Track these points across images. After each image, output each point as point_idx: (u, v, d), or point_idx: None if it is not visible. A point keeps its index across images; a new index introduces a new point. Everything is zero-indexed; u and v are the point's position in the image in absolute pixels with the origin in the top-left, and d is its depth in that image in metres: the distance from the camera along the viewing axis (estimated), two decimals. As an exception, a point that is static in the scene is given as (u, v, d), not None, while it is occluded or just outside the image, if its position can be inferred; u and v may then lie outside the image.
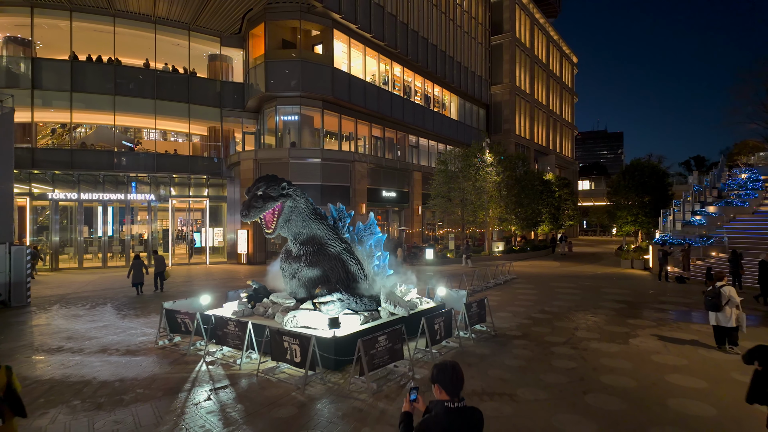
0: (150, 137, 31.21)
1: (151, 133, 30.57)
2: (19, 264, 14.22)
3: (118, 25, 27.02)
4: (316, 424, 5.48)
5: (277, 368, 7.34)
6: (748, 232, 23.13)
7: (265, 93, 26.54)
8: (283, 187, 8.51)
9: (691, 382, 6.94)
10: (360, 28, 28.61)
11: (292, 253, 9.14)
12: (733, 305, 8.73)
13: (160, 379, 7.02)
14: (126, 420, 5.61)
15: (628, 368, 7.54)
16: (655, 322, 10.98)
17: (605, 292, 15.90)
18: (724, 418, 5.69)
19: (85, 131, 29.42)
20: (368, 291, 9.16)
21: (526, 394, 6.38)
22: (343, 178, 27.20)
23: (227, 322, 8.00)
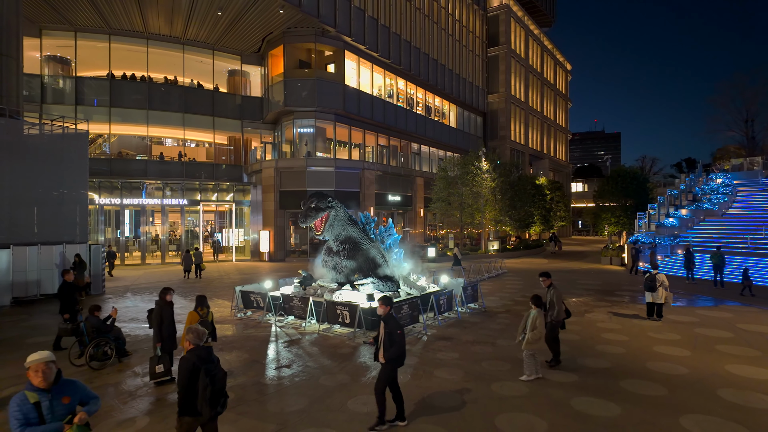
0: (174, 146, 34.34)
1: (180, 142, 33.55)
2: (96, 259, 17.33)
3: (151, 45, 30.14)
4: (365, 358, 8.58)
5: (331, 329, 10.48)
6: (715, 233, 26.05)
7: (284, 108, 29.62)
8: (328, 200, 11.63)
9: (618, 336, 10.05)
10: (368, 48, 31.73)
11: (333, 249, 12.22)
12: (664, 287, 11.86)
13: (251, 337, 10.13)
14: (245, 356, 8.70)
15: (577, 330, 10.66)
16: (610, 303, 14.12)
17: (580, 282, 19.05)
18: (630, 354, 8.79)
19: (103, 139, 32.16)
20: (390, 277, 12.27)
21: (502, 343, 9.49)
22: (354, 184, 30.30)
23: (292, 298, 11.16)
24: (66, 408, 3.35)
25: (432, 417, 5.99)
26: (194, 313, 7.00)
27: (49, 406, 3.27)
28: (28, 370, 3.31)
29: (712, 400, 6.58)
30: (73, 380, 3.57)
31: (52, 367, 3.35)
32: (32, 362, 3.32)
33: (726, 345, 9.44)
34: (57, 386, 3.37)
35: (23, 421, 3.16)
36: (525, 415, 6.05)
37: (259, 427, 5.74)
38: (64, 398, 3.36)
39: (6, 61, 17.36)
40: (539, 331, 7.25)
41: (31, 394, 3.26)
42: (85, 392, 3.57)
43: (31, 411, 3.20)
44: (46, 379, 3.29)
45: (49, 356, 3.37)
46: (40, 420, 3.22)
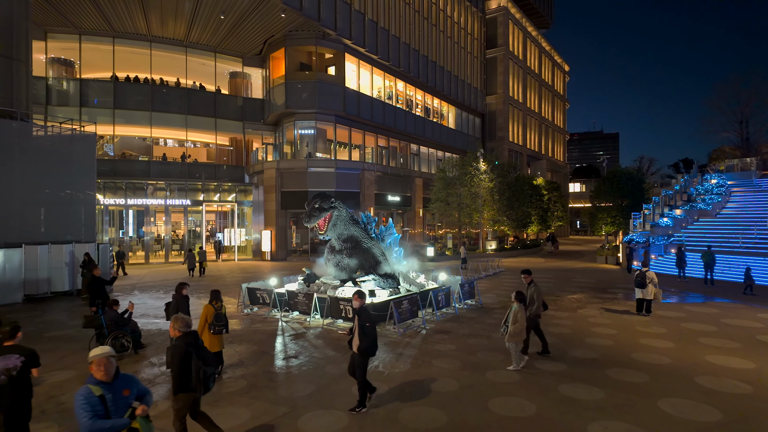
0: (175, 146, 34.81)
1: (183, 143, 34.04)
2: (104, 258, 17.84)
3: (154, 48, 30.62)
4: (368, 349, 9.08)
5: (334, 323, 10.99)
6: (708, 232, 26.57)
7: (285, 109, 30.13)
8: (331, 201, 12.14)
9: (607, 330, 10.58)
10: (368, 51, 32.25)
11: (335, 248, 12.73)
12: (654, 284, 12.40)
13: (259, 330, 10.64)
14: (254, 348, 9.20)
15: (569, 324, 11.19)
16: (603, 300, 14.66)
17: (575, 280, 19.59)
18: (617, 346, 9.32)
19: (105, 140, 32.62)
20: (391, 274, 12.79)
21: (497, 336, 10.01)
22: (354, 185, 30.81)
23: (297, 294, 11.68)
24: (126, 400, 3.55)
25: (430, 400, 6.51)
26: (209, 306, 7.51)
27: (112, 399, 3.44)
28: (90, 364, 3.49)
29: (689, 386, 7.11)
30: (130, 375, 3.75)
31: (112, 361, 3.55)
32: (95, 357, 3.50)
33: (709, 338, 9.98)
34: (117, 380, 3.55)
35: (92, 414, 3.32)
36: (516, 399, 6.58)
37: (271, 409, 6.26)
38: (124, 390, 3.55)
39: (16, 66, 17.85)
40: (520, 324, 7.75)
41: (95, 387, 3.43)
42: (139, 386, 3.77)
43: (97, 404, 3.37)
44: (107, 373, 3.47)
45: (110, 351, 3.57)
46: (106, 412, 3.39)
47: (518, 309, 7.83)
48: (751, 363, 8.23)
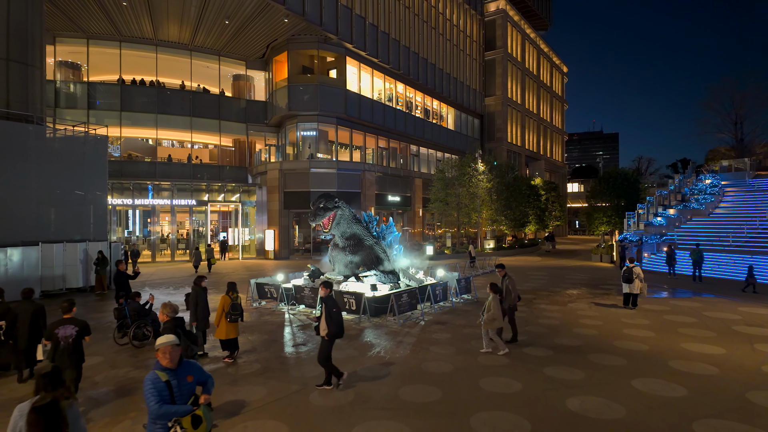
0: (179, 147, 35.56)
1: (187, 145, 34.77)
2: (116, 256, 18.57)
3: (160, 52, 31.37)
4: (370, 338, 9.82)
5: (338, 316, 11.72)
6: (700, 231, 27.26)
7: (288, 112, 30.86)
8: (335, 201, 12.88)
9: (593, 322, 11.32)
10: (369, 55, 32.97)
11: (339, 245, 13.46)
12: (640, 279, 13.13)
13: (268, 322, 11.38)
14: (264, 337, 9.94)
15: (558, 317, 11.92)
16: (593, 295, 15.39)
17: (569, 277, 20.33)
18: (601, 335, 10.04)
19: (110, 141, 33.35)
20: (391, 270, 13.53)
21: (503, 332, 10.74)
22: (355, 185, 31.53)
23: (303, 289, 12.41)
24: (190, 386, 3.76)
25: (427, 380, 7.24)
26: (226, 296, 8.24)
27: (177, 384, 3.65)
28: (157, 351, 3.72)
29: (662, 368, 7.84)
30: (192, 361, 3.97)
31: (177, 349, 3.75)
32: (161, 345, 3.71)
33: (688, 328, 10.71)
34: (181, 367, 3.77)
35: (159, 398, 3.52)
36: (504, 378, 7.31)
37: (285, 387, 6.99)
38: (188, 377, 3.76)
39: (31, 71, 18.57)
40: (493, 313, 8.54)
41: (161, 373, 3.64)
42: (201, 372, 3.94)
43: (163, 389, 3.57)
44: (172, 360, 3.68)
45: (175, 340, 3.78)
46: (171, 397, 3.59)
47: (492, 299, 8.60)
48: (723, 349, 8.97)
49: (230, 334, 8.15)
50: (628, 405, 6.27)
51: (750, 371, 7.69)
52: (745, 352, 8.83)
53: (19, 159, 16.86)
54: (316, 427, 5.65)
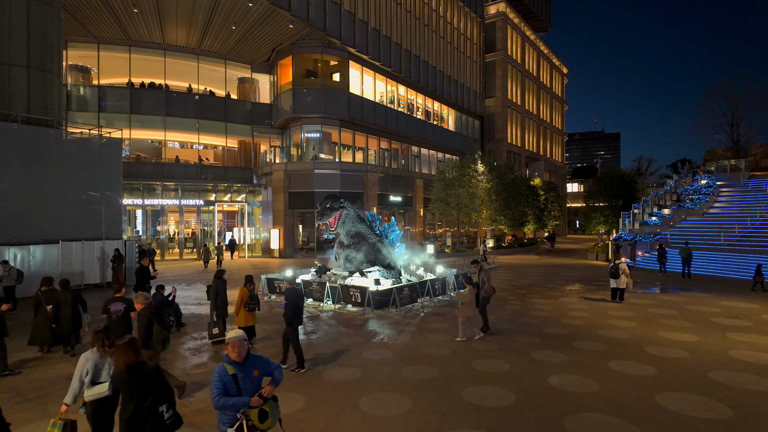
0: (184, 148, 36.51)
1: (194, 146, 35.70)
2: (131, 254, 19.47)
3: (168, 56, 32.27)
4: (374, 327, 10.70)
5: (344, 307, 12.62)
6: (693, 230, 28.01)
7: (292, 114, 31.75)
8: (341, 201, 13.76)
9: (581, 314, 12.18)
10: (371, 58, 33.84)
11: (344, 243, 14.34)
12: (626, 274, 13.98)
13: (279, 314, 12.21)
14: (277, 326, 10.81)
15: (549, 309, 12.79)
16: (584, 291, 16.25)
17: (563, 274, 21.18)
18: (586, 325, 10.90)
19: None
20: (393, 266, 14.40)
21: (496, 324, 11.59)
22: (357, 186, 32.41)
23: (311, 283, 13.30)
24: (256, 380, 3.84)
25: (426, 361, 8.11)
26: (244, 288, 9.10)
27: (243, 378, 3.74)
28: (226, 345, 3.84)
29: (638, 353, 8.69)
30: (260, 355, 4.05)
31: (244, 344, 3.87)
32: (230, 339, 3.82)
33: (668, 319, 11.56)
34: (248, 360, 3.85)
35: (222, 391, 3.64)
36: (494, 360, 8.18)
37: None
38: (254, 371, 3.84)
39: (50, 78, 19.49)
40: (466, 302, 9.59)
41: (229, 366, 3.75)
42: (269, 365, 4.00)
43: (230, 382, 3.68)
44: (240, 354, 3.78)
45: (243, 335, 3.89)
46: (238, 390, 3.70)
47: (468, 291, 9.49)
48: (696, 337, 9.82)
49: (249, 322, 9.03)
50: (602, 382, 7.13)
51: (716, 355, 8.54)
52: (716, 339, 9.68)
53: (40, 162, 17.77)
54: (329, 398, 6.52)
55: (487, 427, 5.59)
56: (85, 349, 5.50)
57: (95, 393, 4.35)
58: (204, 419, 5.83)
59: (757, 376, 7.34)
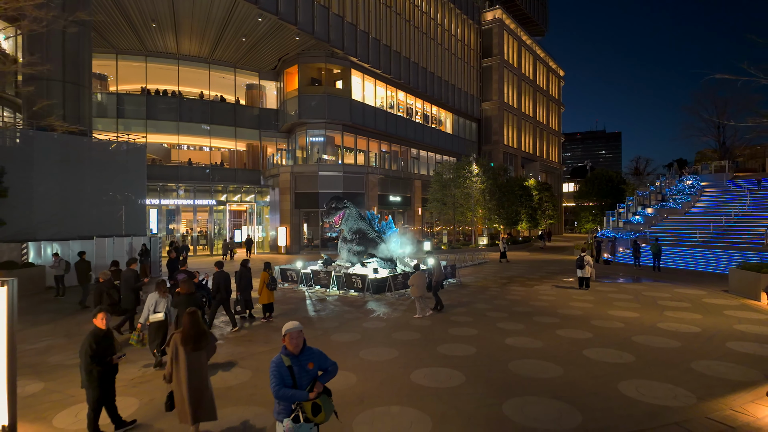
0: (191, 150, 38.72)
1: (205, 149, 37.91)
2: (155, 249, 21.66)
3: (181, 65, 34.47)
4: (372, 306, 12.84)
5: (348, 292, 14.78)
6: (674, 228, 29.87)
7: (298, 120, 33.92)
8: (344, 202, 15.92)
9: (548, 297, 14.29)
10: (372, 66, 35.97)
11: (347, 239, 16.48)
12: (590, 265, 16.07)
13: (292, 298, 14.44)
14: (291, 307, 12.96)
15: (523, 294, 14.91)
16: (558, 281, 18.34)
17: (546, 268, 23.27)
18: (550, 306, 13.00)
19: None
20: (390, 258, 16.54)
21: (473, 304, 13.74)
22: (359, 187, 34.56)
23: (319, 272, 15.47)
24: (311, 372, 3.83)
25: (411, 329, 10.25)
26: (265, 273, 11.25)
27: (299, 370, 3.75)
28: (284, 337, 3.84)
29: (584, 324, 10.80)
30: (315, 349, 4.02)
31: (301, 335, 3.89)
32: (288, 330, 3.82)
33: (621, 302, 13.65)
34: (303, 353, 3.85)
35: (280, 381, 3.70)
36: (466, 328, 10.32)
37: (312, 333, 10.02)
38: (309, 363, 3.83)
39: (81, 90, 21.72)
40: (418, 285, 11.63)
41: (285, 358, 3.77)
42: (323, 359, 3.99)
43: (286, 373, 3.71)
44: (296, 346, 3.80)
45: (299, 326, 3.91)
46: (293, 382, 3.72)
47: (417, 275, 11.60)
48: (637, 314, 11.92)
49: (269, 299, 11.19)
50: (546, 342, 9.26)
51: (646, 326, 10.64)
52: (652, 315, 11.77)
53: (75, 166, 19.98)
54: (337, 352, 8.64)
55: (452, 366, 7.73)
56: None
57: (156, 317, 7.78)
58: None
59: (667, 339, 9.44)
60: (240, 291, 11.65)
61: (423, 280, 11.73)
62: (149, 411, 6.07)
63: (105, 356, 5.07)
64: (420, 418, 5.77)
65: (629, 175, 70.08)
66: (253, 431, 5.53)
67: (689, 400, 6.29)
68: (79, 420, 5.75)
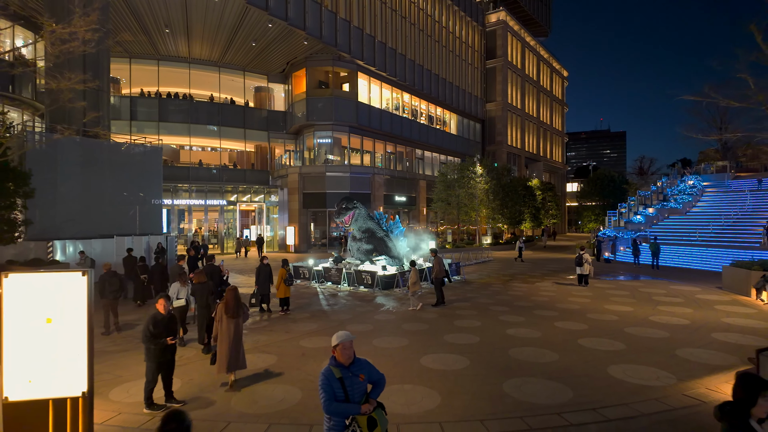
0: (199, 150, 39.63)
1: (216, 150, 38.84)
2: (171, 247, 22.55)
3: (192, 68, 35.39)
4: (381, 301, 13.64)
5: (358, 288, 15.59)
6: (674, 228, 30.43)
7: (306, 122, 34.76)
8: (354, 203, 16.74)
9: (549, 293, 15.04)
10: (378, 69, 36.76)
11: (356, 237, 17.29)
12: (588, 263, 16.79)
13: (305, 293, 15.26)
14: (304, 301, 13.77)
15: (524, 290, 15.66)
16: (559, 278, 19.08)
17: (547, 266, 23.99)
18: (550, 300, 13.75)
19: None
20: (397, 256, 17.34)
21: (476, 299, 14.51)
22: (365, 187, 35.36)
23: (330, 269, 16.29)
24: (362, 385, 3.66)
25: (420, 321, 11.04)
26: (283, 269, 12.07)
27: (350, 383, 3.57)
28: (335, 347, 3.66)
29: (581, 317, 11.56)
30: (364, 360, 3.81)
31: (352, 346, 3.70)
32: (340, 341, 3.64)
33: (618, 297, 14.39)
34: (354, 364, 3.68)
35: (331, 395, 3.50)
36: (470, 320, 11.10)
37: (327, 324, 10.84)
38: (360, 375, 3.66)
39: (101, 95, 22.60)
40: (415, 281, 12.38)
41: (336, 369, 3.58)
42: (373, 371, 3.80)
43: (338, 386, 3.52)
44: (348, 357, 3.63)
45: (351, 336, 3.72)
46: (345, 395, 3.53)
47: (414, 271, 12.35)
48: (631, 308, 12.66)
49: (286, 294, 12.02)
50: (544, 332, 10.03)
51: (639, 319, 11.38)
52: (646, 310, 12.51)
53: (96, 168, 20.89)
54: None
55: (458, 352, 8.52)
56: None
57: (178, 303, 9.30)
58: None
59: (657, 330, 10.19)
60: (258, 285, 12.48)
61: (417, 276, 12.50)
62: (190, 389, 6.90)
63: (161, 337, 5.91)
64: (429, 393, 6.57)
65: (633, 174, 70.47)
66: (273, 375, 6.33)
67: (670, 380, 7.05)
68: (131, 395, 6.60)
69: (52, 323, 4.92)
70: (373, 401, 3.63)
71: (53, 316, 4.93)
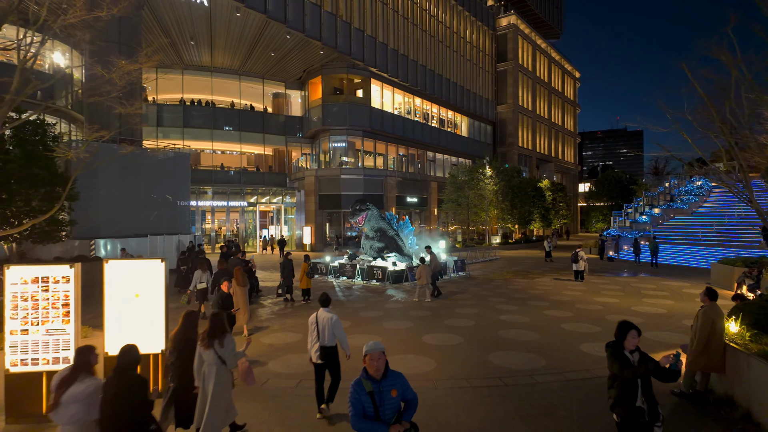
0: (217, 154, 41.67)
1: (236, 154, 40.86)
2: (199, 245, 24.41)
3: (214, 76, 37.39)
4: (392, 293, 15.17)
5: (370, 282, 17.16)
6: (679, 228, 31.19)
7: (322, 126, 36.48)
8: (367, 204, 18.32)
9: (545, 288, 16.38)
10: (391, 75, 38.31)
11: (369, 236, 18.86)
12: (583, 260, 18.06)
13: (322, 287, 16.89)
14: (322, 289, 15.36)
15: (523, 285, 17.03)
16: (558, 274, 20.35)
17: (550, 264, 25.22)
18: (544, 293, 15.10)
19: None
20: (407, 253, 18.86)
21: (477, 292, 15.93)
22: (378, 189, 36.91)
23: (345, 265, 17.90)
24: (394, 401, 3.40)
25: (425, 308, 12.54)
26: (305, 263, 13.70)
27: (380, 399, 3.33)
28: (364, 357, 3.44)
29: (569, 307, 12.91)
30: (399, 373, 3.54)
31: (383, 358, 3.45)
32: (368, 351, 3.43)
33: (609, 291, 15.66)
34: (386, 378, 3.42)
35: (360, 411, 3.32)
36: (469, 308, 12.57)
37: (344, 311, 12.41)
38: (392, 390, 3.39)
39: (134, 105, 24.55)
40: (422, 276, 13.79)
41: (366, 382, 3.38)
42: (406, 388, 3.51)
43: (368, 402, 3.32)
44: (377, 369, 3.39)
45: (381, 347, 3.48)
46: (375, 412, 3.31)
47: (422, 267, 13.78)
48: (618, 300, 13.96)
49: (308, 285, 13.64)
50: (533, 318, 11.44)
51: (622, 309, 12.70)
52: (631, 301, 13.79)
53: (131, 173, 22.86)
54: (365, 323, 11.00)
55: (454, 332, 10.01)
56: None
57: (201, 286, 11.29)
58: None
59: (635, 317, 11.51)
60: (283, 278, 14.12)
61: (428, 272, 13.98)
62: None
63: (227, 308, 7.64)
64: (427, 361, 8.09)
65: (649, 174, 70.64)
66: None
67: (630, 354, 8.42)
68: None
69: (140, 297, 6.58)
70: (405, 423, 3.37)
71: (140, 292, 6.59)
